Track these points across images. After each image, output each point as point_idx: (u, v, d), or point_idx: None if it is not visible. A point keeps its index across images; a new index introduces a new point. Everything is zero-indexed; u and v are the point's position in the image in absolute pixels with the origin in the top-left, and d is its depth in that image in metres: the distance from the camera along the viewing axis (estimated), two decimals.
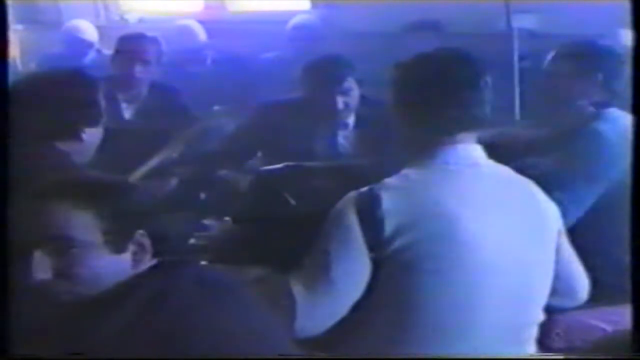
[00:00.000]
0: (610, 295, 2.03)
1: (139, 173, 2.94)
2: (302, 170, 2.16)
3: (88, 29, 4.81)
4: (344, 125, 3.00)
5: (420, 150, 1.77)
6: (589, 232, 2.08)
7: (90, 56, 4.69)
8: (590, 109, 2.33)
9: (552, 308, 1.88)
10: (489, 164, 1.80)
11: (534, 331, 1.83)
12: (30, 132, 1.94)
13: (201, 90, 3.87)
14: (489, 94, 1.78)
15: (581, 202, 2.14)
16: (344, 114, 2.95)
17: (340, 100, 2.90)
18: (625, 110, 2.33)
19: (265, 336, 1.38)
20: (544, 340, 1.94)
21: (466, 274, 1.68)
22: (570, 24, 3.81)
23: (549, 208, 1.84)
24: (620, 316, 1.89)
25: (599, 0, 3.61)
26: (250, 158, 3.10)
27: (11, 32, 1.62)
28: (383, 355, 1.73)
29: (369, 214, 1.68)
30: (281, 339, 1.43)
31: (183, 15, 4.87)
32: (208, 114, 3.82)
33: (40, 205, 1.37)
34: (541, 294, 1.80)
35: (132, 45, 3.36)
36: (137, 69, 3.30)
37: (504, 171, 1.82)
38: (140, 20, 5.44)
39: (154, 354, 1.27)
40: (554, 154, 2.25)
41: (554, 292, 1.83)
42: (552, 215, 1.84)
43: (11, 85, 1.73)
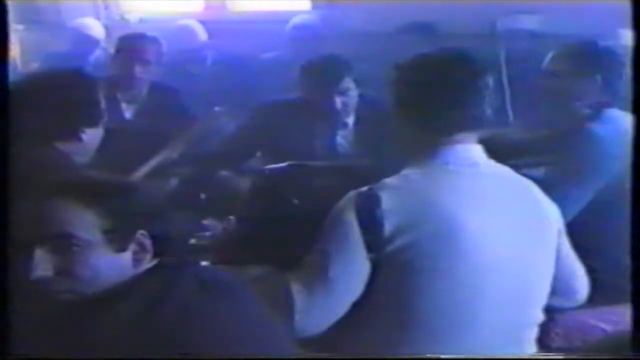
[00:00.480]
0: (610, 296, 2.04)
1: (139, 173, 2.94)
2: (305, 170, 2.16)
3: (95, 27, 4.81)
4: (343, 125, 3.01)
5: (420, 151, 1.77)
6: (588, 232, 2.08)
7: (95, 54, 4.68)
8: (586, 110, 2.33)
9: (552, 308, 1.88)
10: (489, 164, 1.80)
11: (534, 331, 1.83)
12: (30, 132, 1.94)
13: (201, 90, 3.87)
14: (488, 94, 1.78)
15: (575, 203, 2.13)
16: (342, 114, 2.95)
17: (339, 100, 2.90)
18: (625, 110, 2.34)
19: (266, 336, 1.38)
20: (543, 340, 1.94)
21: (466, 274, 1.68)
22: (570, 24, 3.81)
23: (549, 208, 1.84)
24: (620, 316, 1.89)
25: (599, 0, 3.60)
26: (249, 158, 3.10)
27: (11, 32, 1.62)
28: (383, 355, 1.73)
29: (368, 213, 1.68)
30: (282, 338, 1.43)
31: (183, 15, 4.86)
32: (208, 114, 3.82)
33: (42, 203, 1.37)
34: (541, 294, 1.80)
35: (132, 45, 3.37)
36: (137, 69, 3.30)
37: (504, 171, 1.82)
38: (141, 20, 5.44)
39: (154, 354, 1.27)
40: (549, 155, 2.24)
41: (553, 293, 1.83)
42: (552, 215, 1.84)
43: (11, 85, 1.73)
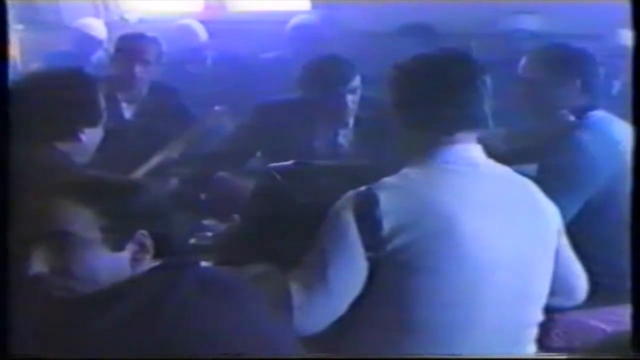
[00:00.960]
0: (610, 296, 2.04)
1: (139, 173, 2.94)
2: (310, 169, 2.16)
3: (98, 27, 4.81)
4: (344, 125, 3.01)
5: (419, 150, 1.78)
6: (588, 233, 2.08)
7: (97, 54, 4.68)
8: (570, 117, 2.31)
9: (551, 308, 1.88)
10: (488, 163, 1.80)
11: (533, 331, 1.83)
12: (30, 132, 1.94)
13: (201, 90, 3.87)
14: (487, 94, 1.79)
15: (565, 212, 2.12)
16: (351, 113, 2.96)
17: (350, 99, 2.90)
18: (608, 111, 2.33)
19: (269, 336, 1.38)
20: (543, 341, 1.94)
21: (465, 273, 1.68)
22: (570, 24, 3.81)
23: (548, 208, 1.84)
24: (620, 316, 1.89)
25: (599, 0, 3.60)
26: (249, 158, 3.10)
27: (11, 32, 1.62)
28: (383, 355, 1.73)
29: (366, 213, 1.68)
30: (285, 338, 1.43)
31: (183, 15, 4.86)
32: (208, 114, 3.82)
33: (41, 202, 1.37)
34: (540, 294, 1.80)
35: (132, 45, 3.37)
36: (137, 69, 3.30)
37: (504, 171, 1.82)
38: (141, 20, 5.44)
39: (155, 354, 1.27)
40: (537, 164, 2.23)
41: (553, 292, 1.83)
42: (552, 215, 1.84)
43: (11, 85, 1.73)
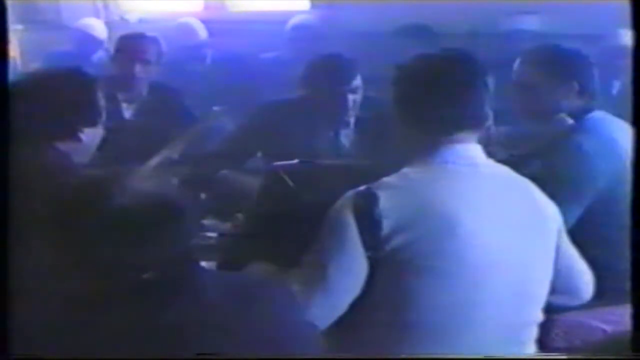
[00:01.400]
0: (610, 296, 2.04)
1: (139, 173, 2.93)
2: (315, 168, 2.15)
3: (98, 27, 4.81)
4: (345, 124, 3.01)
5: (419, 150, 1.78)
6: (588, 233, 2.08)
7: (97, 54, 4.68)
8: (569, 120, 2.30)
9: (555, 307, 1.88)
10: (488, 163, 1.80)
11: (533, 331, 1.83)
12: (30, 132, 1.94)
13: (201, 91, 3.88)
14: (488, 94, 1.79)
15: (567, 215, 2.12)
16: (351, 113, 2.96)
17: (351, 98, 2.90)
18: (608, 111, 2.33)
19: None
20: (543, 340, 1.94)
21: (464, 273, 1.68)
22: (570, 24, 3.81)
23: (548, 207, 1.84)
24: (620, 316, 1.89)
25: (599, 0, 3.60)
26: (250, 158, 3.10)
27: (11, 32, 1.62)
28: (383, 355, 1.73)
29: (366, 213, 1.68)
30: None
31: (183, 15, 4.86)
32: (208, 114, 3.82)
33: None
34: (540, 293, 1.80)
35: (132, 45, 3.37)
36: (137, 69, 3.31)
37: (503, 170, 1.82)
38: (141, 21, 5.44)
39: (154, 354, 1.27)
40: (534, 166, 2.22)
41: (556, 291, 1.82)
42: (551, 214, 1.84)
43: (11, 85, 1.73)
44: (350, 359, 1.76)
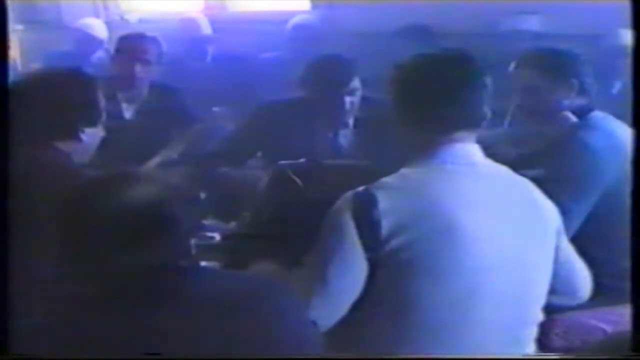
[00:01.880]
0: (610, 296, 2.04)
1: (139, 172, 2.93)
2: (320, 167, 2.15)
3: (98, 27, 4.81)
4: (343, 125, 3.01)
5: (418, 150, 1.77)
6: (588, 233, 2.08)
7: (97, 54, 4.68)
8: (572, 118, 2.31)
9: (554, 307, 1.88)
10: (487, 163, 1.80)
11: (533, 331, 1.83)
12: (30, 132, 1.94)
13: (201, 91, 3.87)
14: (487, 94, 1.78)
15: (575, 217, 2.12)
16: (349, 114, 2.95)
17: (348, 100, 2.90)
18: (608, 112, 2.34)
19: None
20: (543, 340, 1.94)
21: (464, 273, 1.68)
22: (570, 24, 3.81)
23: (548, 207, 1.83)
24: (620, 316, 1.89)
25: (599, 0, 3.60)
26: (250, 158, 3.10)
27: (11, 32, 1.62)
28: (383, 355, 1.73)
29: (365, 214, 1.67)
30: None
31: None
32: (208, 114, 3.82)
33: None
34: (540, 294, 1.80)
35: (132, 45, 3.37)
36: (137, 69, 3.30)
37: (502, 170, 1.82)
38: (141, 20, 5.44)
39: (154, 354, 1.27)
40: (543, 168, 2.22)
41: (555, 291, 1.82)
42: (551, 215, 1.84)
43: (11, 85, 1.73)
44: (350, 359, 1.76)
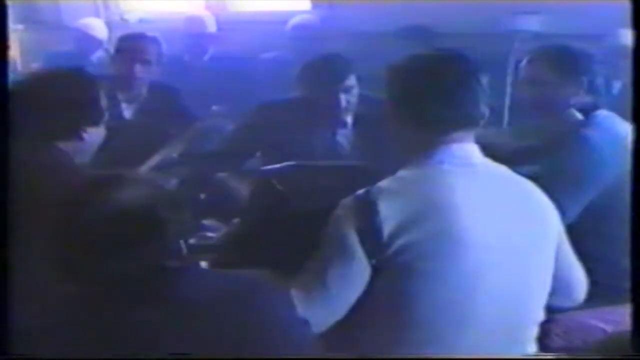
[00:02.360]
0: (610, 296, 2.04)
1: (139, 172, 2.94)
2: (304, 170, 2.15)
3: (98, 27, 4.81)
4: (342, 124, 3.00)
5: (415, 150, 1.77)
6: (588, 233, 2.08)
7: (97, 54, 4.68)
8: (577, 115, 2.31)
9: (551, 308, 1.88)
10: (486, 163, 1.79)
11: (534, 331, 1.83)
12: (31, 132, 1.94)
13: (201, 91, 3.88)
14: (483, 93, 1.78)
15: (572, 208, 2.12)
16: (345, 113, 2.95)
17: (343, 98, 2.90)
18: (609, 111, 2.34)
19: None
20: (543, 340, 1.94)
21: (464, 274, 1.68)
22: (570, 24, 3.81)
23: (548, 207, 1.83)
24: (620, 316, 1.89)
25: (599, 0, 3.60)
26: (250, 158, 3.10)
27: (11, 32, 1.62)
28: (383, 355, 1.73)
29: (366, 223, 1.67)
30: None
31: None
32: (208, 114, 3.82)
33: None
34: (541, 294, 1.80)
35: (132, 45, 3.37)
36: (137, 69, 3.31)
37: (502, 170, 1.82)
38: (141, 20, 5.44)
39: (154, 354, 1.27)
40: (544, 164, 2.23)
41: (552, 292, 1.82)
42: (551, 215, 1.83)
43: (11, 85, 1.73)
44: (350, 359, 1.76)
